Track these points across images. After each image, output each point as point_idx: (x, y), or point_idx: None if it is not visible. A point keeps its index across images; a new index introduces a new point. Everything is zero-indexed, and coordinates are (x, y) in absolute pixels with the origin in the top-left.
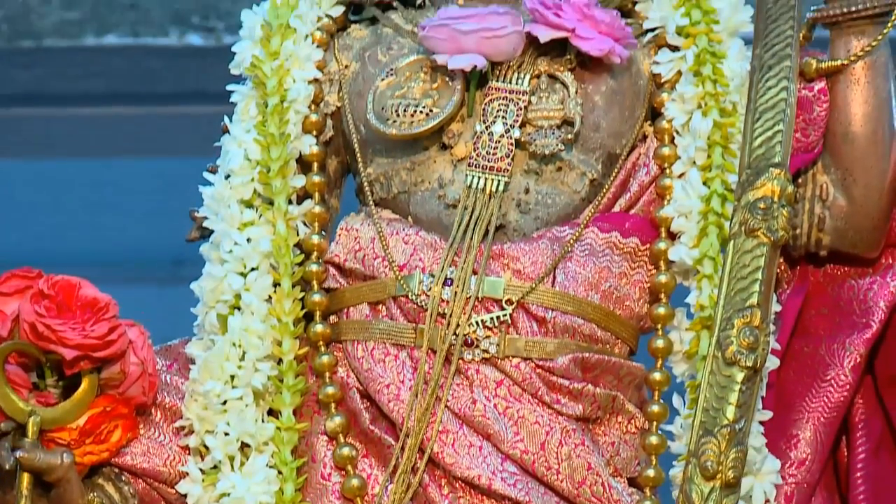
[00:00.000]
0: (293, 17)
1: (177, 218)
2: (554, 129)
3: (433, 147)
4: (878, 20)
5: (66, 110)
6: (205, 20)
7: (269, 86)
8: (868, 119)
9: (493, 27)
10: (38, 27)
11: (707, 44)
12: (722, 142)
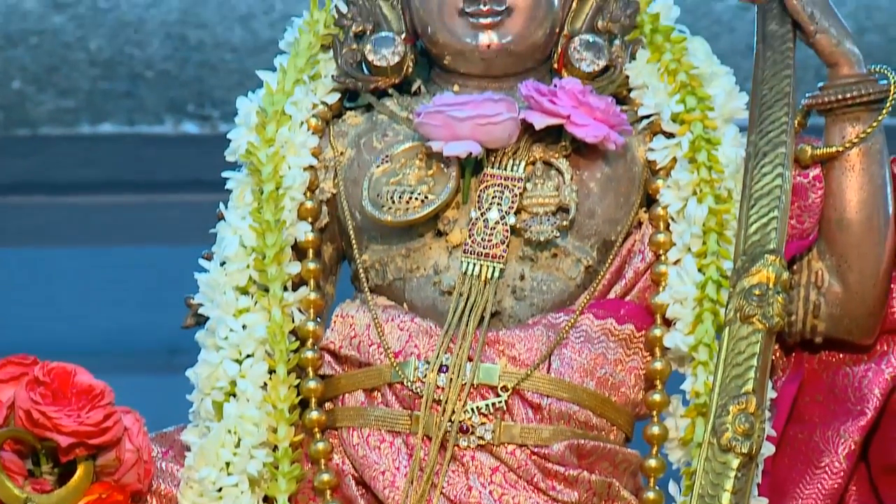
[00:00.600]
0: (288, 103)
1: (172, 306)
2: (549, 215)
3: (429, 234)
4: (872, 107)
5: (61, 199)
6: (200, 108)
7: (264, 173)
8: (863, 206)
9: (489, 114)
10: (33, 116)
11: (702, 131)
12: (717, 228)
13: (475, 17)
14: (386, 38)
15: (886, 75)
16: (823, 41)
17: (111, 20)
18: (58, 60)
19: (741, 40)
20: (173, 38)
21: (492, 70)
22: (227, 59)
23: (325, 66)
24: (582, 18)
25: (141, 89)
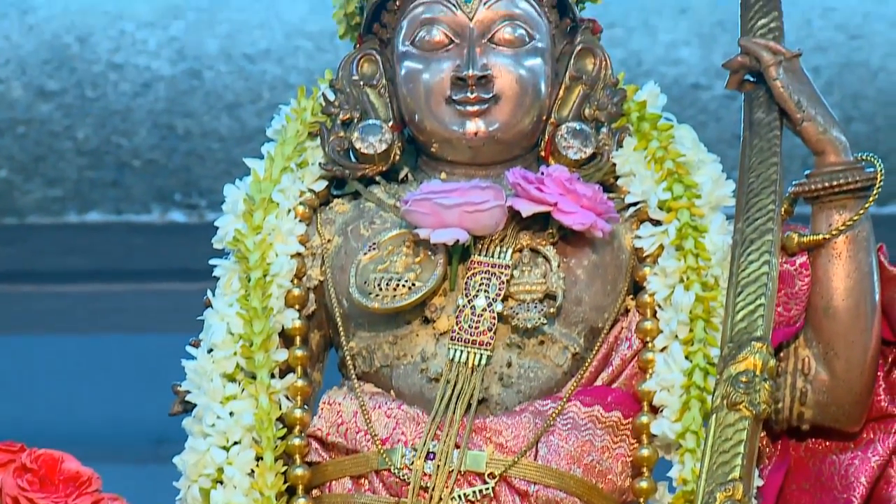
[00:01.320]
0: (276, 191)
1: (159, 395)
2: (536, 303)
3: (416, 321)
4: (859, 194)
5: (48, 287)
6: (187, 197)
7: (251, 260)
8: (850, 293)
9: (476, 201)
10: (20, 204)
11: (689, 218)
12: (704, 315)
13: (462, 105)
14: (373, 126)
15: (873, 163)
16: (810, 129)
17: (98, 109)
18: (45, 149)
19: (728, 129)
20: (160, 126)
21: (479, 158)
22: (215, 148)
23: (313, 154)
24: (569, 106)
25: (128, 178)
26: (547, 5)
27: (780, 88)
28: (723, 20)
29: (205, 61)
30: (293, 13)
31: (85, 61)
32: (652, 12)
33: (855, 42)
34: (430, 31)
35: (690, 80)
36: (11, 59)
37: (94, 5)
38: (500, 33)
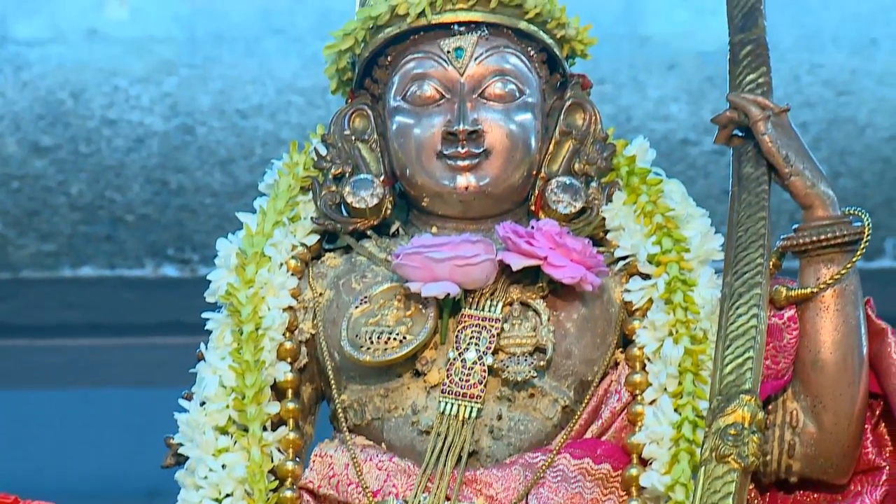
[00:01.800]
0: (268, 245)
1: (152, 449)
2: (526, 356)
3: (407, 374)
4: (846, 248)
5: (42, 341)
6: (180, 252)
7: (244, 313)
8: (837, 346)
9: (466, 255)
10: (14, 259)
11: (678, 272)
12: (693, 369)
13: (453, 160)
14: (365, 181)
15: (861, 217)
16: (798, 183)
17: (92, 164)
18: (39, 204)
19: (716, 184)
20: (153, 182)
21: (469, 212)
22: (207, 203)
23: (305, 208)
24: (559, 161)
25: (121, 233)
26: (537, 61)
27: (768, 143)
28: (711, 76)
29: (198, 117)
30: (285, 69)
31: (79, 117)
32: (641, 69)
33: (842, 98)
34: (421, 86)
35: (679, 135)
36: (6, 114)
37: (88, 62)
38: (490, 88)
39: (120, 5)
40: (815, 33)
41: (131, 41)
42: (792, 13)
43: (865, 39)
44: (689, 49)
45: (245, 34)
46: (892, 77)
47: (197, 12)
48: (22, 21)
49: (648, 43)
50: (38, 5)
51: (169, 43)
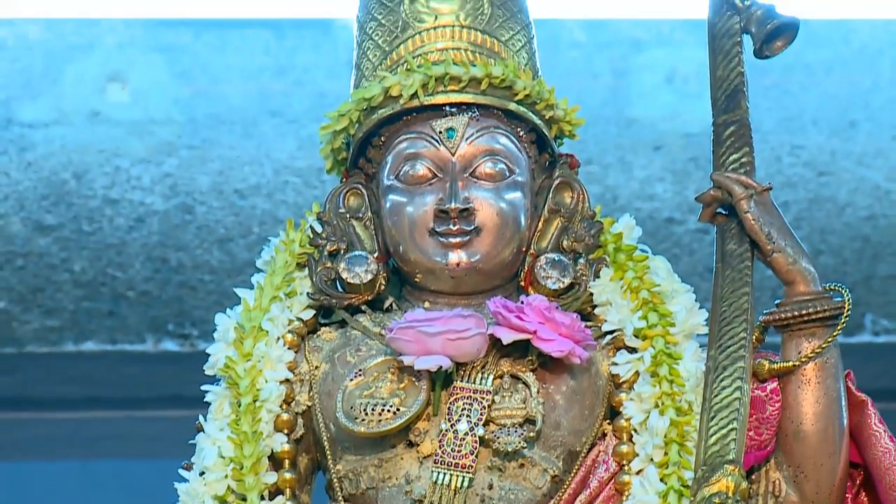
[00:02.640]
0: (265, 320)
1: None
2: (517, 427)
3: (400, 444)
4: (827, 323)
5: (46, 414)
6: (180, 327)
7: (242, 386)
8: (819, 418)
9: (458, 329)
10: (19, 334)
11: (664, 345)
12: (678, 439)
13: (445, 237)
14: (359, 257)
15: (841, 293)
16: (780, 260)
17: (94, 243)
18: (43, 281)
19: (700, 262)
20: (154, 259)
21: (461, 287)
22: (206, 280)
23: (301, 284)
24: (548, 238)
25: (123, 309)
26: (526, 141)
27: (751, 221)
28: (696, 156)
29: (197, 196)
30: (282, 150)
31: (81, 197)
32: (627, 149)
33: (822, 178)
34: (413, 165)
35: (665, 214)
36: (10, 194)
37: (91, 143)
38: (481, 168)
39: (121, 88)
40: (796, 116)
41: (132, 123)
42: (773, 96)
43: (844, 122)
44: (674, 130)
45: (243, 116)
46: (870, 158)
47: (196, 95)
48: (26, 103)
49: (634, 125)
50: (42, 88)
51: (169, 125)
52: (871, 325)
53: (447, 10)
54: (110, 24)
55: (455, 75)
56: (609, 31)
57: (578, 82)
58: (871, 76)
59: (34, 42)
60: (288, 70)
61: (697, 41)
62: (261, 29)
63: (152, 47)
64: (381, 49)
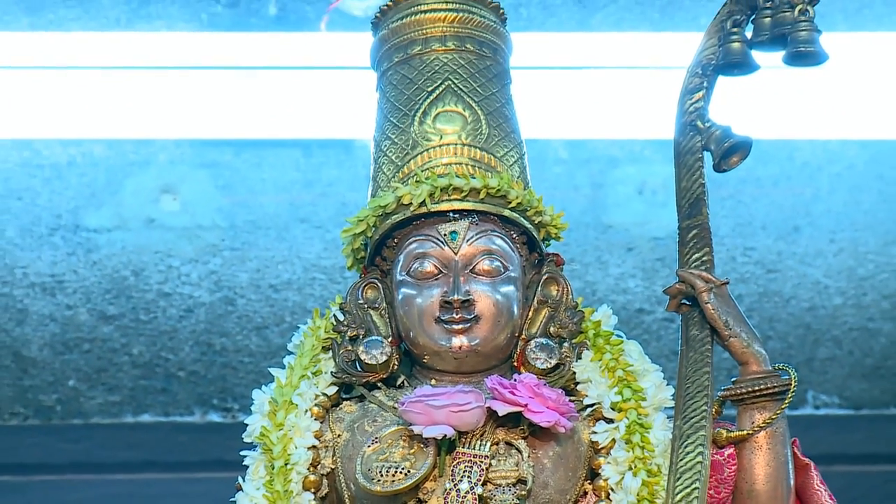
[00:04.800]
0: (295, 394)
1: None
2: (510, 486)
3: (411, 501)
4: (776, 397)
5: (108, 476)
6: (223, 401)
7: (275, 451)
8: (769, 479)
9: (460, 403)
10: (86, 408)
11: (636, 417)
12: (649, 497)
13: (449, 324)
14: (375, 341)
15: (788, 372)
16: (736, 343)
17: (150, 330)
18: (106, 363)
19: (667, 346)
20: (201, 344)
21: (463, 367)
22: (246, 362)
23: (326, 364)
24: (537, 325)
25: (174, 386)
26: (518, 242)
27: (711, 310)
28: (663, 257)
29: (238, 291)
30: (310, 251)
31: (139, 290)
32: (604, 250)
33: (770, 275)
34: (422, 263)
35: (636, 305)
36: (78, 289)
37: (147, 245)
38: (480, 265)
39: (173, 199)
40: (748, 222)
41: (182, 228)
42: (729, 205)
43: (789, 227)
44: (644, 234)
45: (276, 222)
46: (811, 258)
47: (236, 204)
48: (92, 212)
49: (610, 230)
50: (105, 199)
51: (213, 230)
52: (813, 399)
53: (451, 131)
54: (163, 144)
55: (458, 186)
56: (588, 149)
57: (562, 193)
58: (812, 188)
59: (98, 159)
60: (315, 183)
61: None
62: (292, 148)
63: (199, 164)
64: (394, 164)
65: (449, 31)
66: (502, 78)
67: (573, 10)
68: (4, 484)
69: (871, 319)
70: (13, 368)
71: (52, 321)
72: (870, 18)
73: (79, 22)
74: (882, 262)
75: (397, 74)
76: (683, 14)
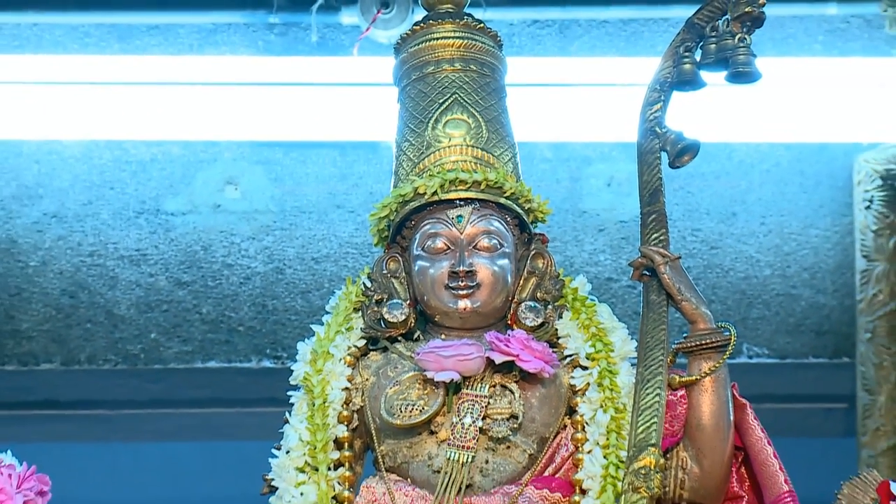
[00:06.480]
0: (332, 346)
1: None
2: (505, 420)
3: (424, 432)
4: (719, 349)
5: (182, 410)
6: (274, 351)
7: (315, 392)
8: (713, 415)
9: (465, 353)
10: (165, 356)
11: (606, 365)
12: (616, 429)
13: (455, 290)
14: (396, 304)
15: (728, 329)
16: (687, 306)
17: (216, 293)
18: (180, 320)
19: (630, 308)
20: (257, 305)
21: (466, 324)
22: (292, 319)
23: (356, 322)
24: (526, 291)
25: (235, 338)
26: (512, 224)
27: (666, 280)
28: (627, 236)
29: (286, 262)
30: (344, 231)
31: (207, 262)
32: (580, 231)
33: (713, 251)
34: (434, 241)
35: (606, 275)
36: (158, 261)
37: (213, 226)
38: (481, 242)
39: (235, 189)
40: (695, 208)
41: (242, 212)
42: (680, 195)
43: (728, 212)
44: (612, 219)
45: (317, 208)
46: (746, 237)
47: (286, 193)
48: (170, 200)
49: (584, 215)
50: (180, 189)
51: (267, 213)
52: (747, 351)
53: (457, 135)
54: (227, 145)
55: (463, 179)
56: (567, 150)
57: (546, 185)
58: (746, 181)
59: (175, 157)
60: (348, 176)
61: (629, 157)
62: (330, 149)
63: (256, 161)
64: (412, 161)
65: (456, 54)
66: (499, 92)
67: (556, 39)
68: (99, 416)
69: (793, 287)
70: (106, 324)
71: (137, 286)
72: (794, 45)
73: (160, 47)
74: (802, 240)
75: (414, 89)
76: (644, 42)
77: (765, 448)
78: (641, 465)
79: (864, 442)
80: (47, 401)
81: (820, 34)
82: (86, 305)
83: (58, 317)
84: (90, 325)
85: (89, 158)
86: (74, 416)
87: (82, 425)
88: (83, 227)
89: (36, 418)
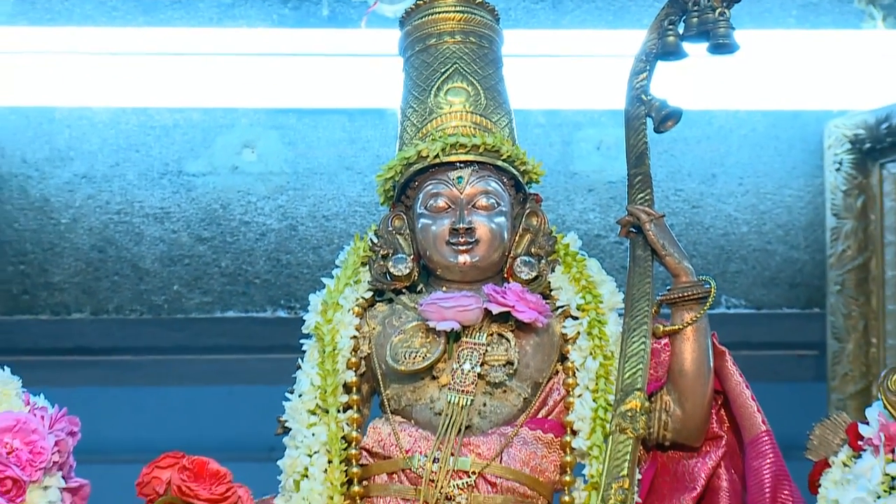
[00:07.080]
0: (341, 298)
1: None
2: (501, 366)
3: (427, 377)
4: (700, 301)
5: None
6: (288, 302)
7: (325, 340)
8: (695, 361)
9: (464, 304)
10: (186, 306)
11: (595, 315)
12: (605, 375)
13: (456, 246)
14: (401, 258)
15: (709, 282)
16: (670, 261)
17: (234, 249)
18: (201, 273)
19: (618, 262)
20: (272, 259)
21: (466, 278)
22: (305, 273)
23: (364, 275)
24: (521, 246)
25: (252, 290)
26: (508, 184)
27: (651, 236)
28: (615, 196)
29: (299, 220)
30: (353, 191)
31: (226, 219)
32: (571, 191)
33: (694, 210)
34: (436, 200)
35: (595, 232)
36: (181, 218)
37: (232, 186)
38: (479, 201)
39: (251, 152)
40: (678, 170)
41: (258, 174)
42: (664, 158)
43: (708, 174)
44: (601, 180)
45: (328, 170)
46: (725, 197)
47: (298, 156)
48: (191, 161)
49: (576, 176)
50: (201, 152)
51: (281, 175)
52: (725, 302)
53: (458, 102)
54: (244, 112)
55: (463, 143)
56: (560, 116)
57: (540, 149)
58: (725, 146)
59: (196, 122)
60: (356, 140)
61: (617, 123)
62: (339, 115)
63: (271, 126)
64: (416, 126)
65: (457, 27)
66: (497, 63)
67: (549, 13)
68: (126, 362)
69: (769, 243)
70: (132, 277)
71: (161, 242)
72: (769, 19)
73: (182, 20)
74: (777, 200)
75: (418, 59)
76: (631, 16)
77: (743, 392)
78: (628, 408)
79: (834, 386)
80: (78, 347)
81: (794, 8)
82: (113, 259)
83: (87, 270)
84: (117, 277)
85: (116, 123)
86: (103, 361)
87: (110, 371)
88: (111, 187)
89: (67, 364)
